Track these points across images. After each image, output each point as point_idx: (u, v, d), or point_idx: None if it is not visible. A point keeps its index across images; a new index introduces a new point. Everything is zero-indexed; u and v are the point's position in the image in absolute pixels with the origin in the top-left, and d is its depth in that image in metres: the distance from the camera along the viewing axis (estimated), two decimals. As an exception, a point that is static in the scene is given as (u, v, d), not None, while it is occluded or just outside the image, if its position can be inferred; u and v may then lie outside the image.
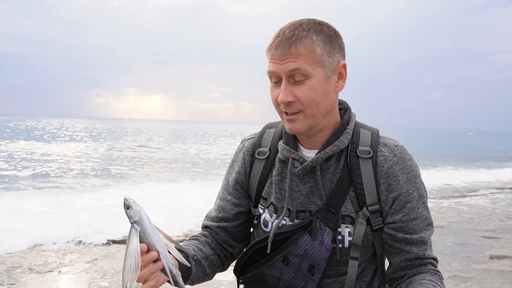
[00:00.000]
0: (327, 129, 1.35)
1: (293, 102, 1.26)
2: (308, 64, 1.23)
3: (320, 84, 1.26)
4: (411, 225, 1.31)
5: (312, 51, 1.24)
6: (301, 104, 1.26)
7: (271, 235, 1.34)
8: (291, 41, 1.23)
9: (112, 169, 16.56)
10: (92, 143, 32.25)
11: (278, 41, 1.25)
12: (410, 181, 1.32)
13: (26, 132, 47.26)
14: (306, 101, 1.25)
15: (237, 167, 1.51)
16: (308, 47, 1.23)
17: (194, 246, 1.43)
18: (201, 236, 1.52)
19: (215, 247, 1.49)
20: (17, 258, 5.31)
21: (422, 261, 1.32)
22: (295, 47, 1.23)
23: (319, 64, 1.25)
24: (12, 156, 20.26)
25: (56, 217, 7.31)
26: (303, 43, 1.23)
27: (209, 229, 1.53)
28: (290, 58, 1.23)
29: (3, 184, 12.05)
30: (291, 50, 1.23)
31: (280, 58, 1.24)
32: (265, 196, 1.44)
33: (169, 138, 48.00)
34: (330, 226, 1.30)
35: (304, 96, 1.25)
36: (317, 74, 1.25)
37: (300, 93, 1.25)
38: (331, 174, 1.34)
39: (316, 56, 1.24)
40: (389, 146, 1.35)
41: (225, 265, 1.55)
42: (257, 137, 1.51)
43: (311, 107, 1.26)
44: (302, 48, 1.23)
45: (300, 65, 1.22)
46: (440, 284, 1.26)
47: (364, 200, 1.30)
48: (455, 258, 5.65)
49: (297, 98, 1.25)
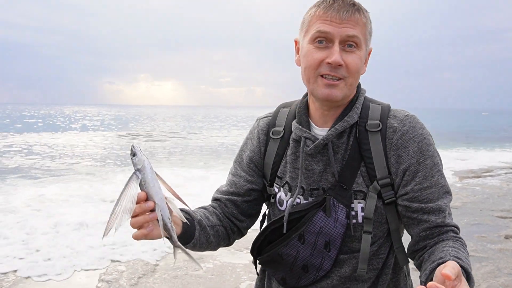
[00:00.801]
0: (342, 105, 1.36)
1: (341, 67, 1.26)
2: (362, 35, 1.28)
3: (363, 58, 1.31)
4: (425, 194, 1.27)
5: (366, 25, 1.29)
6: (346, 71, 1.27)
7: (286, 214, 1.35)
8: (355, 8, 1.27)
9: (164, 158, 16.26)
10: (124, 131, 31.66)
11: (339, 4, 1.26)
12: (421, 150, 1.29)
13: (53, 122, 46.53)
14: (353, 69, 1.27)
15: (252, 145, 1.52)
16: (364, 20, 1.28)
17: (201, 213, 1.44)
18: (209, 206, 1.52)
19: (222, 218, 1.49)
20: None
21: (442, 229, 1.27)
22: (358, 15, 1.26)
23: (366, 40, 1.30)
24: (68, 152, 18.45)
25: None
26: (363, 14, 1.28)
27: (218, 201, 1.54)
28: (350, 24, 1.25)
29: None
30: (355, 16, 1.26)
31: (341, 20, 1.25)
32: (280, 175, 1.44)
33: (194, 124, 47.21)
34: (343, 202, 1.31)
35: (353, 64, 1.27)
36: (363, 48, 1.30)
37: (350, 60, 1.27)
38: (343, 151, 1.34)
39: (367, 31, 1.30)
40: (398, 117, 1.33)
41: (231, 239, 1.54)
42: (271, 117, 1.51)
43: (354, 76, 1.29)
44: (363, 18, 1.28)
45: (358, 33, 1.26)
46: (462, 249, 1.21)
47: (374, 174, 1.30)
48: (470, 238, 5.64)
49: (346, 64, 1.26)
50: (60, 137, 25.22)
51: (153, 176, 1.13)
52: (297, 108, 1.43)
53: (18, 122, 43.26)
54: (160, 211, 1.14)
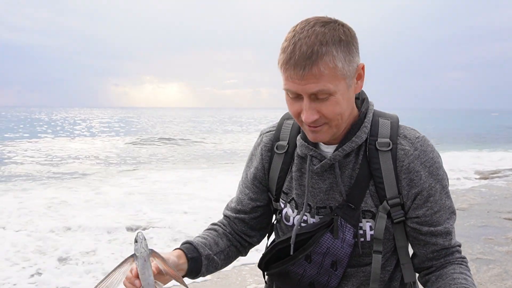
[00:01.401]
0: (346, 126, 1.32)
1: (318, 119, 1.21)
2: (331, 82, 1.15)
3: (343, 96, 1.20)
4: (435, 218, 1.30)
5: (334, 68, 1.14)
6: (325, 119, 1.21)
7: (293, 236, 1.33)
8: (311, 61, 1.12)
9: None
10: (140, 135, 30.52)
11: (295, 60, 1.14)
12: (432, 175, 1.29)
13: (66, 126, 45.42)
14: (331, 116, 1.21)
15: (256, 162, 1.51)
16: (330, 65, 1.14)
17: (211, 239, 1.45)
18: (220, 225, 1.54)
19: (232, 238, 1.51)
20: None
21: (448, 250, 1.32)
22: (316, 68, 1.13)
23: (340, 78, 1.17)
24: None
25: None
26: (324, 62, 1.13)
27: (228, 219, 1.55)
28: (311, 79, 1.14)
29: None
30: (312, 72, 1.13)
31: (301, 78, 1.14)
32: (286, 191, 1.43)
33: (208, 127, 45.71)
34: (351, 223, 1.30)
35: (329, 112, 1.20)
36: (340, 88, 1.18)
37: (325, 109, 1.19)
38: (350, 169, 1.32)
39: (338, 71, 1.15)
40: (409, 138, 1.30)
41: (243, 253, 1.57)
42: (275, 130, 1.48)
43: (335, 119, 1.22)
44: (324, 68, 1.13)
45: (323, 86, 1.15)
46: (469, 274, 1.27)
47: (384, 194, 1.28)
48: (477, 240, 5.61)
49: (321, 114, 1.20)
50: (72, 143, 24.68)
51: (146, 265, 1.16)
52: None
53: (27, 127, 42.34)
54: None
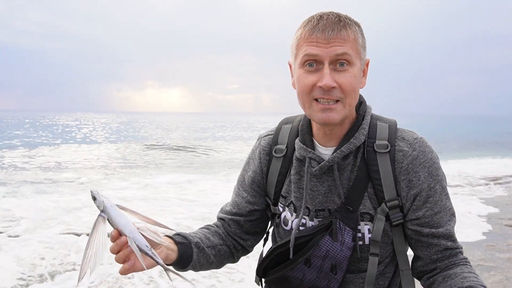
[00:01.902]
0: (345, 123, 1.33)
1: (334, 89, 1.21)
2: (353, 51, 1.22)
3: (358, 74, 1.24)
4: (435, 219, 1.29)
5: (356, 40, 1.23)
6: (341, 92, 1.22)
7: (292, 239, 1.32)
8: (340, 25, 1.20)
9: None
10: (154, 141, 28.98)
11: (324, 24, 1.20)
12: (431, 175, 1.28)
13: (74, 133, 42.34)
14: (348, 89, 1.21)
15: (254, 166, 1.50)
16: (355, 34, 1.22)
17: (201, 234, 1.44)
18: (213, 226, 1.53)
19: (225, 238, 1.50)
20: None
21: (452, 251, 1.30)
22: (345, 31, 1.20)
23: (359, 54, 1.24)
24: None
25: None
26: (351, 30, 1.22)
27: (222, 221, 1.54)
28: (338, 42, 1.19)
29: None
30: (341, 34, 1.20)
31: (327, 41, 1.19)
32: (285, 195, 1.42)
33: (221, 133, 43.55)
34: (350, 225, 1.29)
35: (347, 83, 1.21)
36: (357, 64, 1.23)
37: (343, 79, 1.21)
38: (349, 172, 1.32)
39: (359, 45, 1.23)
40: (407, 140, 1.30)
41: (235, 257, 1.55)
42: (273, 134, 1.48)
43: (350, 96, 1.23)
44: (351, 33, 1.21)
45: (348, 50, 1.20)
46: (477, 274, 1.26)
47: (383, 196, 1.28)
48: (479, 247, 5.62)
49: (339, 85, 1.21)
50: (80, 150, 23.34)
51: (117, 213, 1.16)
52: (300, 126, 1.41)
53: (32, 132, 40.48)
54: (135, 242, 1.16)
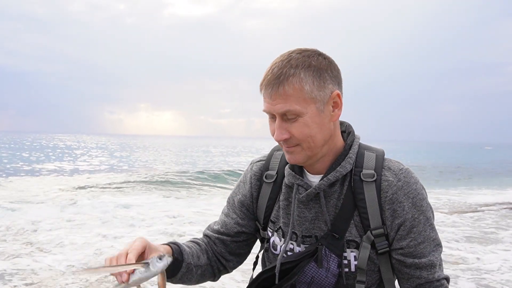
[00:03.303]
0: (328, 156, 1.35)
1: (288, 139, 1.27)
2: (298, 103, 1.23)
3: (313, 119, 1.26)
4: (419, 249, 1.30)
5: (301, 89, 1.23)
6: (296, 140, 1.27)
7: (278, 265, 1.34)
8: (279, 81, 1.23)
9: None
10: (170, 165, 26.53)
11: (267, 80, 1.25)
12: (415, 206, 1.30)
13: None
14: (300, 137, 1.26)
15: (244, 189, 1.53)
16: (296, 86, 1.22)
17: (194, 250, 1.45)
18: (202, 243, 1.54)
19: (211, 257, 1.51)
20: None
21: (432, 284, 1.32)
22: (283, 88, 1.23)
23: (309, 100, 1.24)
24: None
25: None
26: (291, 83, 1.22)
27: (208, 238, 1.55)
28: (280, 99, 1.23)
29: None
30: (279, 91, 1.23)
31: (271, 98, 1.25)
32: (274, 220, 1.45)
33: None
34: (336, 252, 1.31)
35: (298, 133, 1.26)
36: (309, 110, 1.25)
37: (294, 130, 1.26)
38: (335, 199, 1.34)
39: (306, 93, 1.23)
40: (393, 170, 1.33)
41: (216, 277, 1.56)
42: (265, 160, 1.52)
43: (306, 141, 1.27)
44: (290, 89, 1.22)
45: (290, 106, 1.23)
46: None
47: (368, 224, 1.30)
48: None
49: (292, 134, 1.26)
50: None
51: (147, 278, 1.14)
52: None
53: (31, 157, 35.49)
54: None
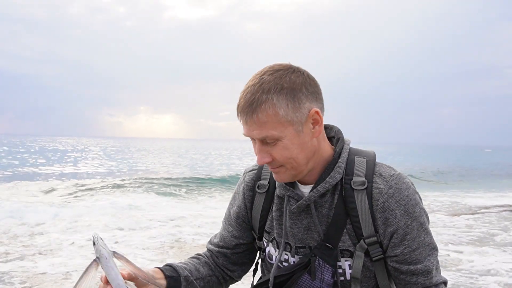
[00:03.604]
0: (316, 168, 1.33)
1: (271, 161, 1.26)
2: (274, 129, 1.20)
3: (293, 142, 1.23)
4: (414, 256, 1.28)
5: (275, 114, 1.19)
6: (278, 162, 1.26)
7: (271, 279, 1.34)
8: (252, 108, 1.19)
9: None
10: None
11: (241, 107, 1.22)
12: (407, 213, 1.27)
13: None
14: (282, 159, 1.24)
15: (238, 201, 1.52)
16: (270, 112, 1.19)
17: (192, 265, 1.46)
18: (203, 256, 1.56)
19: (214, 268, 1.53)
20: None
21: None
22: (256, 116, 1.20)
23: (286, 124, 1.21)
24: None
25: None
26: (264, 110, 1.19)
27: (211, 252, 1.57)
28: (254, 126, 1.21)
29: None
30: (253, 119, 1.20)
31: (247, 124, 1.23)
32: (268, 230, 1.44)
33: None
34: (329, 262, 1.29)
35: (279, 156, 1.24)
36: (287, 134, 1.22)
37: (275, 153, 1.24)
38: (327, 209, 1.32)
39: (281, 118, 1.20)
40: (384, 177, 1.30)
41: (223, 286, 1.57)
42: (257, 170, 1.51)
43: (289, 162, 1.25)
44: (263, 116, 1.19)
45: (266, 132, 1.21)
46: None
47: (361, 232, 1.28)
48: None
49: (273, 157, 1.25)
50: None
51: (110, 265, 1.14)
52: None
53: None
54: None
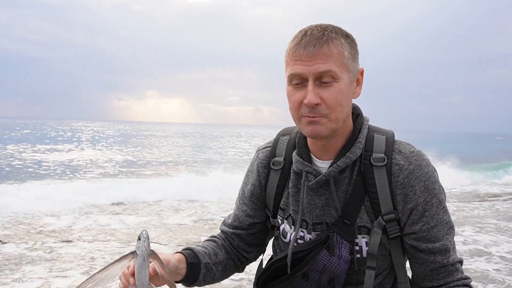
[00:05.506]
0: (341, 136, 1.31)
1: (319, 105, 1.20)
2: (338, 66, 1.19)
3: (346, 88, 1.22)
4: (432, 233, 1.27)
5: (342, 53, 1.20)
6: (326, 107, 1.20)
7: (289, 255, 1.32)
8: (323, 40, 1.18)
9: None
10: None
11: (307, 40, 1.19)
12: (427, 189, 1.26)
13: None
14: (333, 104, 1.20)
15: (252, 179, 1.50)
16: (339, 48, 1.20)
17: (210, 249, 1.46)
18: (219, 238, 1.55)
19: (230, 251, 1.52)
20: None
21: (447, 269, 1.29)
22: (327, 47, 1.18)
23: (346, 67, 1.21)
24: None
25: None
26: (335, 44, 1.19)
27: (225, 234, 1.56)
28: (321, 59, 1.18)
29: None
30: (323, 50, 1.18)
31: (310, 58, 1.18)
32: (283, 207, 1.42)
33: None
34: (347, 239, 1.28)
35: (332, 98, 1.20)
36: (344, 77, 1.21)
37: (328, 95, 1.19)
38: (345, 185, 1.30)
39: (345, 59, 1.21)
40: (404, 153, 1.28)
41: (240, 268, 1.57)
42: (271, 146, 1.48)
43: (336, 110, 1.21)
44: (334, 49, 1.19)
45: (331, 66, 1.18)
46: None
47: (379, 209, 1.27)
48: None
49: (323, 100, 1.20)
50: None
51: (144, 265, 1.14)
52: (297, 139, 1.39)
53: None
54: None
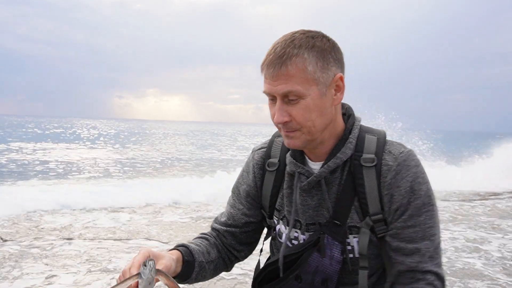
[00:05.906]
0: (328, 141, 1.32)
1: (289, 122, 1.23)
2: (301, 84, 1.19)
3: (315, 102, 1.21)
4: (407, 232, 1.24)
5: (304, 70, 1.18)
6: (297, 123, 1.23)
7: (280, 259, 1.34)
8: (282, 60, 1.18)
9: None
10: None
11: (269, 60, 1.21)
12: (413, 190, 1.24)
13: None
14: (301, 121, 1.22)
15: (248, 179, 1.51)
16: (299, 66, 1.18)
17: (203, 247, 1.45)
18: (210, 236, 1.53)
19: (221, 250, 1.52)
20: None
21: (414, 275, 1.22)
22: (285, 68, 1.18)
23: (312, 82, 1.20)
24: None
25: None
26: (294, 63, 1.18)
27: (217, 232, 1.54)
28: (282, 79, 1.19)
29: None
30: (281, 71, 1.18)
31: (272, 78, 1.20)
32: (279, 208, 1.43)
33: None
34: (338, 239, 1.28)
35: (299, 115, 1.21)
36: (311, 93, 1.20)
37: (295, 112, 1.21)
38: (336, 185, 1.31)
39: (308, 74, 1.19)
40: (393, 154, 1.28)
41: (229, 268, 1.57)
42: (266, 148, 1.49)
43: (307, 125, 1.23)
44: (292, 69, 1.18)
45: (292, 87, 1.19)
46: None
47: (368, 209, 1.27)
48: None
49: (292, 117, 1.22)
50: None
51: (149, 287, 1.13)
52: None
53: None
54: None
